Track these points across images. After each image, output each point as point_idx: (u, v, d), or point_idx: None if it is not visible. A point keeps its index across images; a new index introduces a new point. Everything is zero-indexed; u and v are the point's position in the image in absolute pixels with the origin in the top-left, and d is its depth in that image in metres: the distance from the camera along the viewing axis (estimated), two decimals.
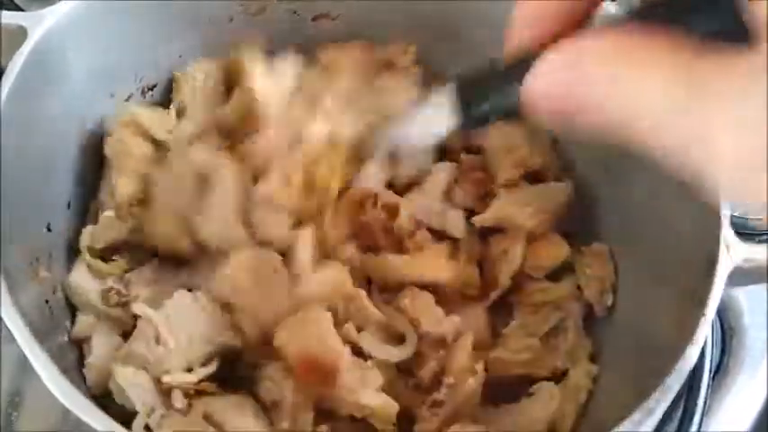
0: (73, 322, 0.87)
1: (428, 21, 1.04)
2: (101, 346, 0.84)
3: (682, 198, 0.84)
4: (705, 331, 0.72)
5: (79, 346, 0.86)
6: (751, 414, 1.01)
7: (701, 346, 0.71)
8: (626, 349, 0.87)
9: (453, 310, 0.86)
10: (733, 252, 0.76)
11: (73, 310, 0.88)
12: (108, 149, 0.92)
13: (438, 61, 1.06)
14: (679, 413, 0.95)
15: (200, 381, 0.77)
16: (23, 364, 0.88)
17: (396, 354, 0.82)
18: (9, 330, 0.68)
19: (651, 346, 0.80)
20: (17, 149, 0.79)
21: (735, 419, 1.01)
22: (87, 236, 0.89)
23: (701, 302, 0.73)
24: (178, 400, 0.75)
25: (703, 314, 0.73)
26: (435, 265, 0.88)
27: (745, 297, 1.07)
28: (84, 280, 0.87)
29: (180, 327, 0.78)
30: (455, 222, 0.93)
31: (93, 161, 0.94)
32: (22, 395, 0.90)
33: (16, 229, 0.77)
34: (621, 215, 0.95)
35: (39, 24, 0.82)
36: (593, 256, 0.94)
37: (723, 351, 1.05)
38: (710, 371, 0.97)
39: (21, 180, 0.80)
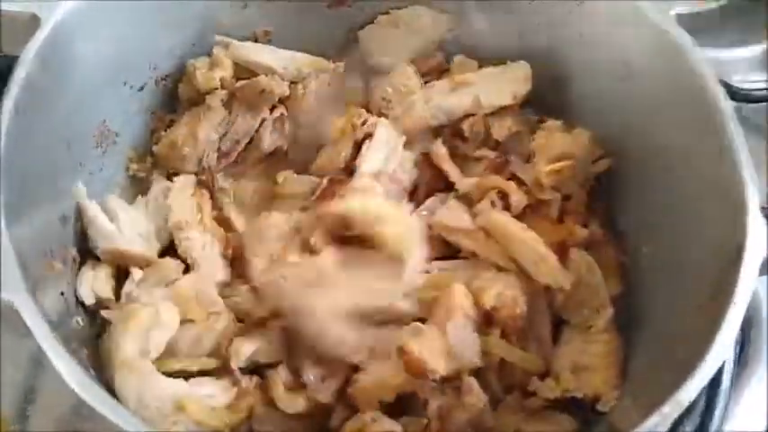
0: (86, 311, 0.87)
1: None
2: None
3: (706, 187, 0.83)
4: (737, 320, 0.71)
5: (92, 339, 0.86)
6: None
7: (734, 335, 0.71)
8: (656, 342, 0.86)
9: None
10: (763, 240, 0.75)
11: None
12: None
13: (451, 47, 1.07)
14: (701, 403, 0.94)
15: None
16: (37, 360, 0.88)
17: None
18: (24, 325, 0.67)
19: (681, 337, 0.79)
20: (31, 138, 0.78)
21: (755, 409, 0.99)
22: None
23: (731, 291, 0.72)
24: None
25: (734, 303, 0.72)
26: None
27: (765, 287, 1.06)
28: None
29: None
30: None
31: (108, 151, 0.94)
32: (35, 390, 0.89)
33: (31, 217, 0.77)
34: (644, 205, 0.94)
35: (52, 13, 0.81)
36: None
37: (743, 341, 1.04)
38: (733, 361, 0.96)
39: (35, 168, 0.79)
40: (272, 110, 0.99)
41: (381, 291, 0.86)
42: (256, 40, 1.03)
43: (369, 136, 0.97)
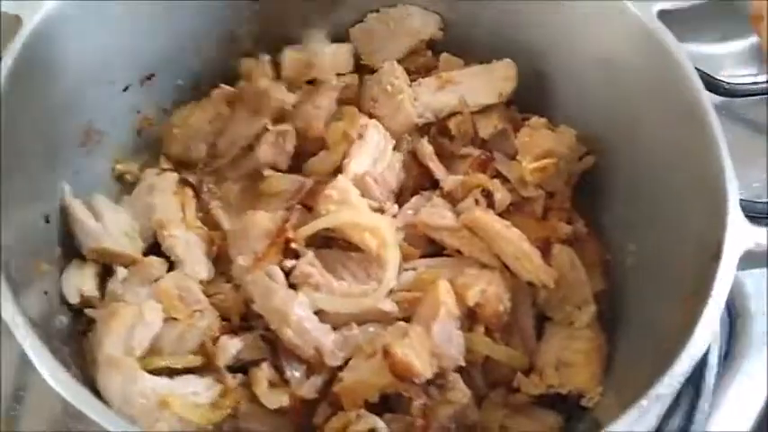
0: (70, 309, 0.87)
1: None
2: None
3: (689, 183, 0.84)
4: (714, 315, 0.71)
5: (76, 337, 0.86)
6: (759, 397, 1.00)
7: (711, 329, 0.71)
8: (639, 337, 0.86)
9: None
10: (742, 235, 0.75)
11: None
12: None
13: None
14: (688, 397, 0.94)
15: None
16: (26, 359, 0.88)
17: None
18: None
19: (663, 332, 0.79)
20: (15, 138, 0.78)
21: (743, 403, 0.99)
22: None
23: (710, 285, 0.73)
24: None
25: (711, 296, 0.72)
26: None
27: (752, 282, 1.06)
28: None
29: None
30: None
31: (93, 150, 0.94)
32: (24, 389, 0.90)
33: (15, 217, 0.77)
34: (628, 202, 0.94)
35: (34, 13, 0.81)
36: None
37: (730, 335, 1.04)
38: (719, 355, 0.96)
39: (19, 168, 0.79)
40: (276, 123, 1.00)
41: (361, 293, 0.87)
42: (243, 40, 1.04)
43: (360, 137, 0.97)
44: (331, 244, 0.91)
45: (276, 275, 0.85)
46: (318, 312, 0.85)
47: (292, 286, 0.86)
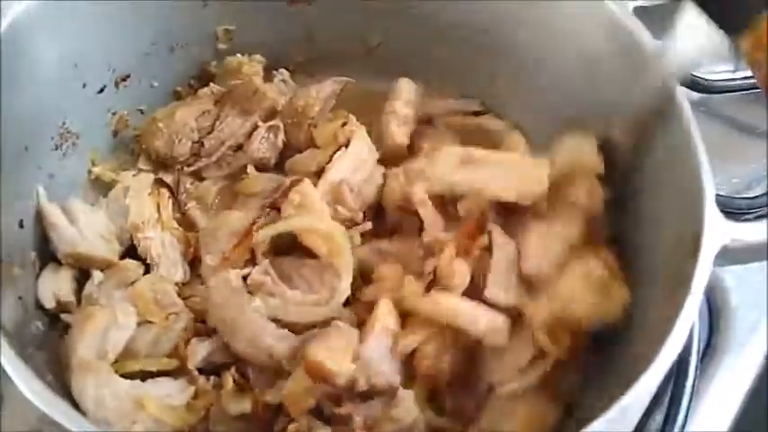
0: (46, 314, 0.86)
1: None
2: None
3: (666, 180, 0.84)
4: (692, 310, 0.71)
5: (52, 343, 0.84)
6: (740, 392, 1.00)
7: (689, 326, 0.71)
8: (619, 336, 0.84)
9: None
10: (719, 231, 0.75)
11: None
12: None
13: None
14: (668, 395, 0.94)
15: None
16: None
17: None
18: None
19: (643, 330, 0.79)
20: None
21: (724, 398, 1.00)
22: None
23: (688, 282, 0.73)
24: None
25: (690, 293, 0.72)
26: None
27: (733, 277, 1.07)
28: None
29: None
30: None
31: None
32: (2, 395, 0.88)
33: None
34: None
35: (4, 13, 0.80)
36: None
37: (711, 331, 1.05)
38: (699, 351, 0.96)
39: None
40: (266, 120, 0.99)
41: (313, 303, 0.85)
42: (217, 39, 1.03)
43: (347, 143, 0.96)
44: (293, 249, 0.89)
45: (235, 280, 0.84)
46: (277, 319, 0.83)
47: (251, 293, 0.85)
